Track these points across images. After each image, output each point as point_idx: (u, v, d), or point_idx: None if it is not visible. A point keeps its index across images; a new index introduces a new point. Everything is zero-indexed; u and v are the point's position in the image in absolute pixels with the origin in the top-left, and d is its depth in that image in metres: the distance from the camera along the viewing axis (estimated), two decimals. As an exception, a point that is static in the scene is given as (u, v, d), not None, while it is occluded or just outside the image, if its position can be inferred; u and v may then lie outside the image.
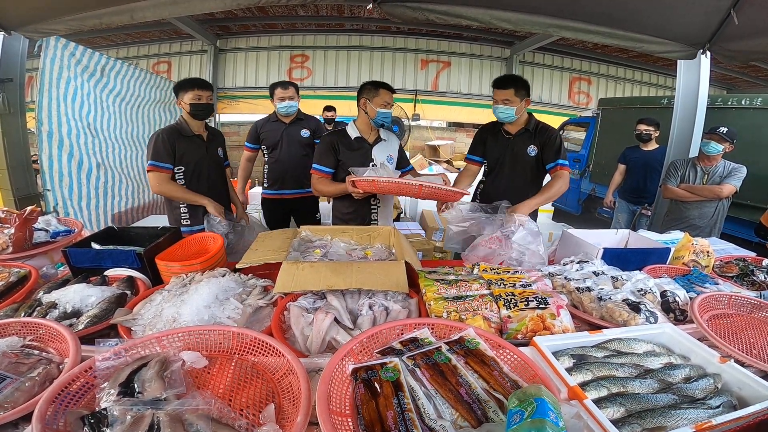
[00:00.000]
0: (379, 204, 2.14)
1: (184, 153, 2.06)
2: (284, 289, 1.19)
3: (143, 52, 7.47)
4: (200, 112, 2.06)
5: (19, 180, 2.80)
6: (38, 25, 2.47)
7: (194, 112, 2.04)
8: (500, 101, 2.05)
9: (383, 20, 6.58)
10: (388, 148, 2.14)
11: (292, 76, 7.35)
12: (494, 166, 2.21)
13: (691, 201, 2.81)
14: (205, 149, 2.15)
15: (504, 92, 2.04)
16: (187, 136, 2.07)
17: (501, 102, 2.05)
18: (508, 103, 2.04)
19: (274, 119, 2.78)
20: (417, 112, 7.48)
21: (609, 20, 2.44)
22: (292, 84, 2.76)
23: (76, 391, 0.73)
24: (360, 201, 1.98)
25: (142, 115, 4.04)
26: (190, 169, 2.10)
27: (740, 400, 0.85)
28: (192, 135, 2.09)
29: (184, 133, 2.06)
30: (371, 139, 2.09)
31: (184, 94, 2.03)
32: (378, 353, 0.88)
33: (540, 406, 0.62)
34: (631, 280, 1.34)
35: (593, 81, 8.01)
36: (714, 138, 2.66)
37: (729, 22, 2.21)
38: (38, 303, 1.15)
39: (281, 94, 2.68)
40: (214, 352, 0.89)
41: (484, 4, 2.35)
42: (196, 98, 2.02)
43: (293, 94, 2.71)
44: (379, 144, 2.10)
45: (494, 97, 2.07)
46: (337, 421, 0.69)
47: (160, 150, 1.98)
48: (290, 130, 2.76)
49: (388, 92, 2.00)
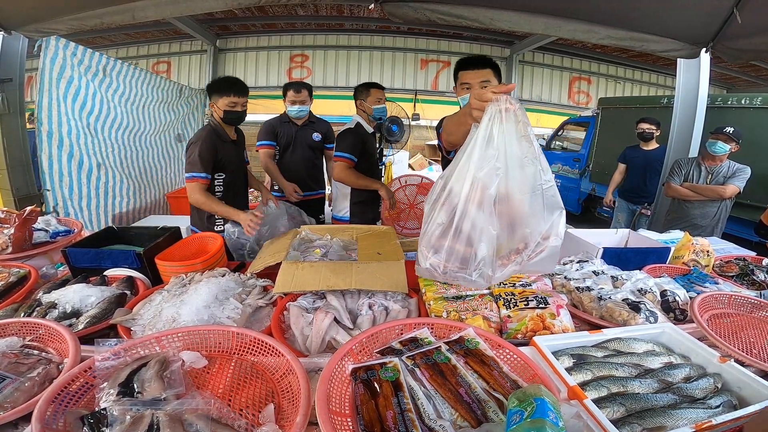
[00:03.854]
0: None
1: (224, 160, 1.99)
2: (284, 289, 1.19)
3: (143, 52, 7.47)
4: (234, 120, 2.00)
5: (18, 180, 2.80)
6: (39, 25, 2.47)
7: (228, 119, 1.98)
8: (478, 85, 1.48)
9: (383, 20, 6.57)
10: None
11: (291, 76, 7.35)
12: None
13: (694, 200, 2.80)
14: (237, 154, 2.12)
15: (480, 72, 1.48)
16: (225, 141, 2.01)
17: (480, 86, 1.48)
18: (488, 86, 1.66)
19: (286, 120, 2.73)
20: (417, 112, 7.48)
21: (611, 19, 2.44)
22: (306, 87, 2.68)
23: (76, 391, 0.73)
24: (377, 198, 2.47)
25: (148, 115, 4.04)
26: (228, 177, 2.05)
27: (740, 399, 0.84)
28: (229, 141, 2.03)
29: (223, 139, 2.00)
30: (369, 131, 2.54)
31: (218, 98, 1.92)
32: (378, 353, 0.88)
33: (540, 406, 0.62)
34: (631, 280, 1.34)
35: (593, 80, 8.01)
36: (721, 138, 2.66)
37: (732, 21, 2.21)
38: (38, 303, 1.15)
39: (293, 97, 2.61)
40: (213, 352, 0.89)
41: (485, 5, 2.35)
42: (231, 105, 1.93)
43: (305, 98, 2.64)
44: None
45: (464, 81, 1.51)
46: (337, 421, 0.69)
47: (202, 160, 1.89)
48: (303, 132, 2.74)
49: (379, 90, 2.35)
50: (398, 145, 6.42)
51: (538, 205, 0.74)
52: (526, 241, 0.73)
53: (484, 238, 0.69)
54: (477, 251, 0.69)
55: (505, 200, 0.71)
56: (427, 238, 0.76)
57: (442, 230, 0.72)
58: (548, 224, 0.72)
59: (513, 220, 0.74)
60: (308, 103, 2.67)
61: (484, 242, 0.69)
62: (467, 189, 0.71)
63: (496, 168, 0.70)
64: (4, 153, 2.70)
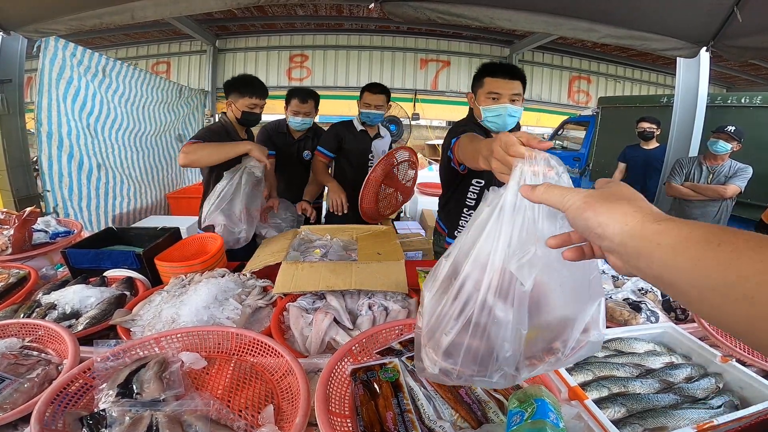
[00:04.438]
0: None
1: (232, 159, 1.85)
2: (283, 289, 1.19)
3: (142, 52, 7.48)
4: (251, 122, 1.92)
5: (18, 181, 2.80)
6: (38, 25, 2.46)
7: (244, 121, 1.89)
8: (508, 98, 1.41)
9: (382, 20, 6.57)
10: (384, 143, 2.47)
11: (291, 76, 7.35)
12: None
13: (695, 200, 2.80)
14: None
15: (513, 84, 1.42)
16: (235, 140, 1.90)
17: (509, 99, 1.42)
18: (518, 101, 1.45)
19: (283, 130, 2.42)
20: (417, 112, 7.49)
21: (612, 18, 2.43)
22: (313, 96, 2.32)
23: (75, 392, 0.73)
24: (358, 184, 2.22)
25: (148, 115, 4.04)
26: None
27: (742, 399, 0.84)
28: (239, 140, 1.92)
29: (233, 138, 1.89)
30: (372, 134, 2.40)
31: (239, 98, 1.84)
32: (377, 354, 0.88)
33: (540, 407, 0.62)
34: (632, 279, 1.34)
35: (593, 80, 8.01)
36: (722, 137, 2.66)
37: (733, 20, 2.21)
38: (37, 304, 1.15)
39: (297, 107, 2.27)
40: (213, 353, 0.89)
41: (485, 3, 2.34)
42: (251, 107, 1.85)
43: (311, 109, 2.31)
44: (377, 139, 2.41)
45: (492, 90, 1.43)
46: (336, 422, 0.69)
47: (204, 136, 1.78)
48: (297, 146, 2.45)
49: (370, 93, 2.24)
50: (398, 145, 6.46)
51: (582, 298, 0.56)
52: (563, 339, 0.57)
53: (510, 337, 0.53)
54: (499, 352, 0.54)
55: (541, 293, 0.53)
56: (434, 340, 0.57)
57: (454, 329, 0.54)
58: (589, 316, 0.56)
59: (549, 318, 0.56)
60: (313, 115, 2.35)
61: (509, 341, 0.53)
62: (492, 280, 0.51)
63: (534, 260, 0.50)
64: (4, 154, 2.70)
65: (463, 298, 0.53)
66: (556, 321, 0.55)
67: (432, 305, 0.58)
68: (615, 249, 0.39)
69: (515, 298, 0.51)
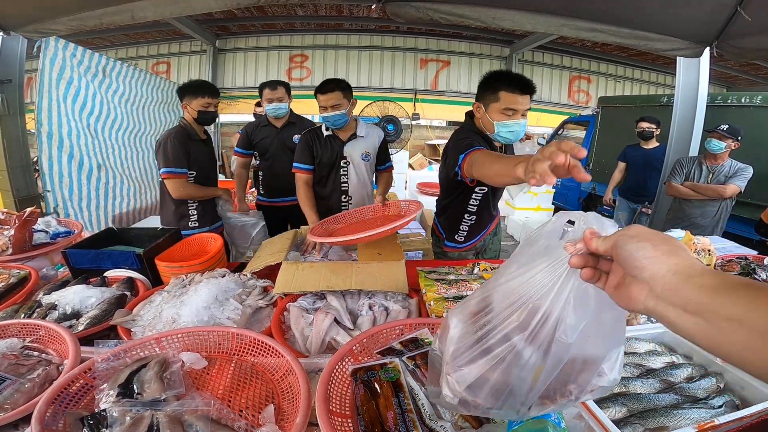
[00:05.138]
0: (350, 201, 2.17)
1: (196, 157, 2.06)
2: (284, 289, 1.19)
3: (142, 52, 7.47)
4: (207, 120, 2.08)
5: (18, 181, 2.80)
6: (38, 26, 2.46)
7: (201, 120, 2.05)
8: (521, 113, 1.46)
9: (382, 20, 6.57)
10: (365, 144, 2.11)
11: (291, 76, 7.34)
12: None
13: (694, 199, 2.80)
14: (208, 152, 2.18)
15: (527, 99, 1.46)
16: (196, 140, 2.08)
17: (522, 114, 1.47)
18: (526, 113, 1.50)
19: (265, 123, 2.58)
20: (417, 112, 7.48)
21: (614, 18, 2.43)
22: (283, 84, 2.51)
23: (76, 392, 0.73)
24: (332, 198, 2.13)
25: (148, 116, 4.04)
26: (200, 174, 2.11)
27: (743, 399, 0.84)
28: (199, 139, 2.10)
29: (193, 137, 2.06)
30: (344, 137, 2.06)
31: (192, 99, 2.01)
32: (378, 353, 0.88)
33: (541, 407, 0.62)
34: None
35: (593, 79, 7.99)
36: (714, 136, 2.67)
37: (736, 19, 2.20)
38: (38, 304, 1.15)
39: (269, 95, 2.46)
40: (213, 353, 0.89)
41: (487, 4, 2.34)
42: (205, 106, 2.02)
43: (283, 95, 2.48)
44: (353, 141, 2.07)
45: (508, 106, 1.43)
46: (337, 421, 0.69)
47: (175, 155, 1.96)
48: (282, 135, 2.55)
49: (320, 95, 1.94)
50: (398, 145, 6.35)
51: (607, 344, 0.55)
52: (579, 382, 0.56)
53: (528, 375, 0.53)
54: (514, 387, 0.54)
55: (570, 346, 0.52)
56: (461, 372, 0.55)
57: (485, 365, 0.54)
58: (609, 361, 0.56)
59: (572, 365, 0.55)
60: (286, 100, 2.50)
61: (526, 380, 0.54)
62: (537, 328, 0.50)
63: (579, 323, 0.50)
64: (5, 154, 2.70)
65: (498, 337, 0.53)
66: (577, 365, 0.55)
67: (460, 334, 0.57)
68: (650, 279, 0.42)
69: (553, 345, 0.51)
